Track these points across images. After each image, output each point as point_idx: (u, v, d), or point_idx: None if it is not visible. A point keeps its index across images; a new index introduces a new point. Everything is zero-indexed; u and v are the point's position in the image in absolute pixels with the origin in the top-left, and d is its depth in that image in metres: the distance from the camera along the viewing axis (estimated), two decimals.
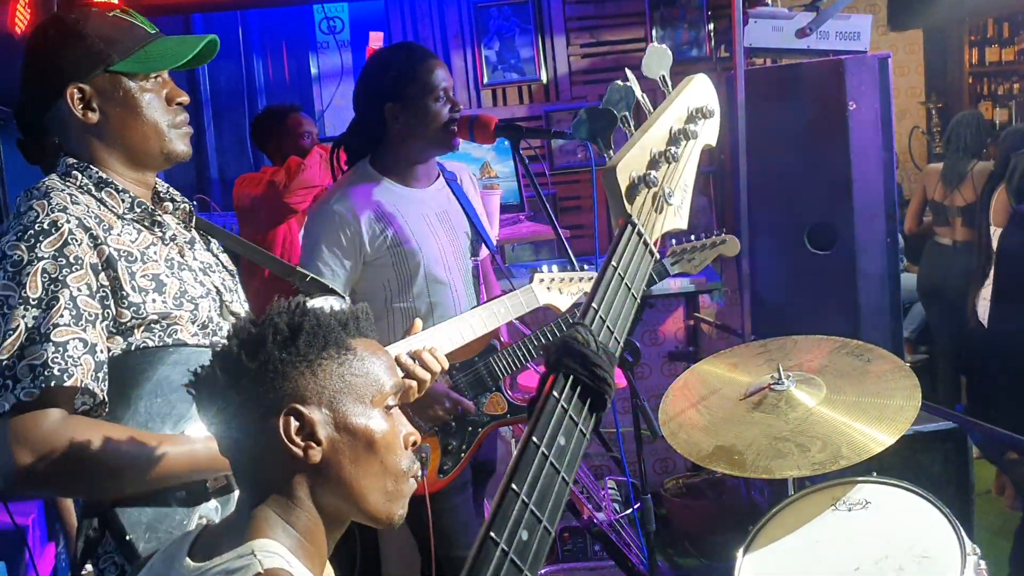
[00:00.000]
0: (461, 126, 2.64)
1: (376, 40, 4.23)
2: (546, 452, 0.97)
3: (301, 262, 2.62)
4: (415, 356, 2.00)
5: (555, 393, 1.00)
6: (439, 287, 2.63)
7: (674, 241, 2.87)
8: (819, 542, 2.22)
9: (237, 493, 1.42)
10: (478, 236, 2.77)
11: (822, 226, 3.78)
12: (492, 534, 0.90)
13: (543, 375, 1.04)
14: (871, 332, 3.65)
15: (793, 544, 2.24)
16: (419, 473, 1.36)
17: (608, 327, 1.09)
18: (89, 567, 1.63)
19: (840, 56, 3.76)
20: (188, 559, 1.24)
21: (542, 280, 2.52)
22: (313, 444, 1.24)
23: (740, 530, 2.32)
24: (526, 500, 0.93)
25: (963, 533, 2.12)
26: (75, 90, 1.66)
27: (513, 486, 0.93)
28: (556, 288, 2.55)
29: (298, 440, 1.24)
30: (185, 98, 1.75)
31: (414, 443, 1.35)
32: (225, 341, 1.28)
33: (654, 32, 4.81)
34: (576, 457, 1.00)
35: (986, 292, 4.54)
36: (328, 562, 1.35)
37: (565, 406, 1.00)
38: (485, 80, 4.79)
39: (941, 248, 5.36)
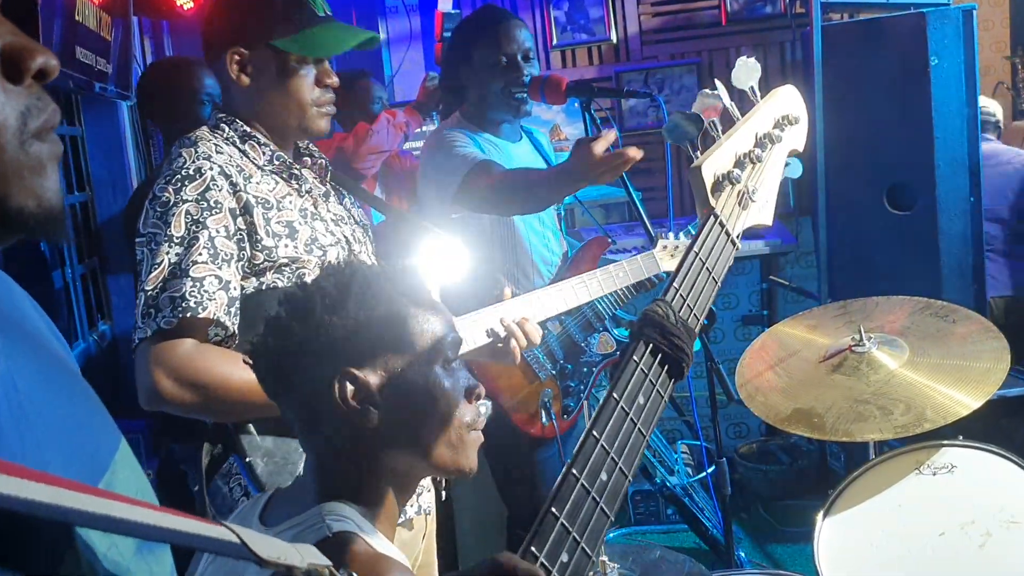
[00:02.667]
0: (532, 87, 2.66)
1: (445, 4, 4.20)
2: (626, 408, 1.06)
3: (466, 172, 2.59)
4: (520, 325, 1.99)
5: (635, 358, 1.10)
6: (537, 234, 2.69)
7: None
8: (902, 507, 2.18)
9: None
10: None
11: (902, 185, 3.68)
12: (574, 470, 0.98)
13: (625, 344, 1.14)
14: (953, 294, 3.55)
15: (875, 508, 2.20)
16: (483, 424, 1.33)
17: (688, 305, 1.20)
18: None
19: (922, 9, 3.64)
20: (259, 524, 1.23)
21: (665, 247, 2.49)
22: (370, 407, 1.22)
23: (815, 495, 2.29)
24: (606, 447, 1.02)
25: None
26: (235, 54, 1.81)
27: (594, 432, 1.02)
28: (680, 256, 2.48)
29: (354, 404, 1.21)
30: (334, 80, 1.86)
31: (478, 396, 1.32)
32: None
33: None
34: (652, 415, 1.10)
35: None
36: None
37: (645, 370, 1.10)
38: (554, 42, 4.73)
39: None
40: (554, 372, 2.61)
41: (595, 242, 2.71)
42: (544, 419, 2.52)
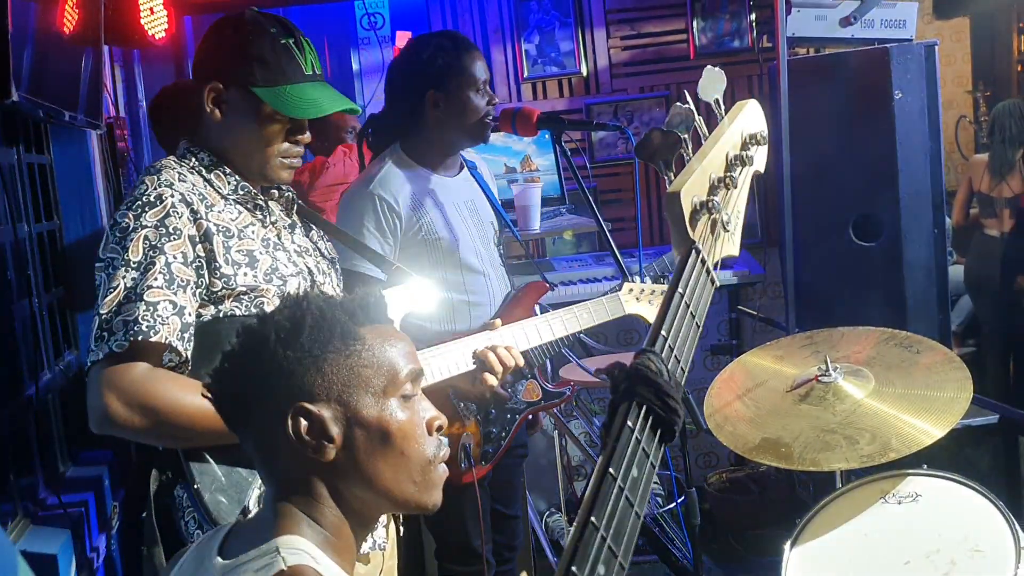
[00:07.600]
0: (503, 119, 2.65)
1: (402, 40, 4.22)
2: (622, 485, 0.94)
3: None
4: (493, 350, 2.16)
5: (630, 423, 0.97)
6: (474, 276, 2.61)
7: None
8: (868, 536, 2.20)
9: None
10: (502, 224, 2.79)
11: (867, 217, 3.73)
12: (574, 568, 0.87)
13: (612, 402, 1.00)
14: (918, 325, 3.60)
15: (841, 537, 2.22)
16: (447, 457, 1.32)
17: (676, 356, 1.06)
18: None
19: (885, 44, 3.71)
20: (218, 557, 1.22)
21: (631, 290, 2.48)
22: (325, 442, 1.20)
23: (784, 525, 2.31)
24: (604, 535, 0.90)
25: (1017, 527, 2.09)
26: (212, 90, 1.84)
27: (592, 519, 0.89)
28: (646, 299, 2.49)
29: (309, 439, 1.20)
30: (306, 138, 1.90)
31: (439, 428, 1.30)
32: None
33: (695, 24, 4.77)
34: (647, 490, 0.97)
35: None
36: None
37: (639, 437, 0.97)
38: (525, 74, 4.78)
39: (989, 239, 5.28)
40: (478, 416, 2.55)
41: (532, 287, 2.64)
42: (463, 464, 2.48)
